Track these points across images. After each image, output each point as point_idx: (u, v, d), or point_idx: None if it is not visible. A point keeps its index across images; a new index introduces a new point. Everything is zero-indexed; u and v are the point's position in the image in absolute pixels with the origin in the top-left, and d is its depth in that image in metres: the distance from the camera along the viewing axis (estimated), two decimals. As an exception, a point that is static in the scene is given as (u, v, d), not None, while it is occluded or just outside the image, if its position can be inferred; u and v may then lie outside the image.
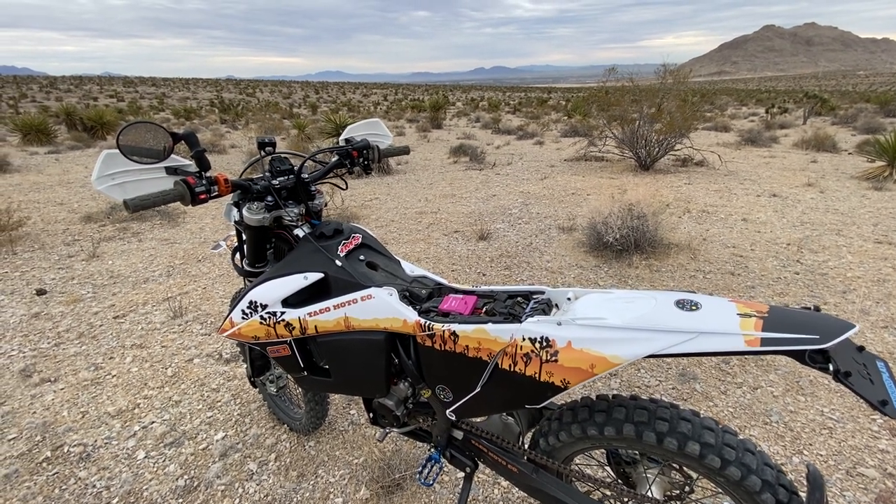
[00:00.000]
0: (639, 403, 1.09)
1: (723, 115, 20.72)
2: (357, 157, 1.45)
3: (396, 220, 5.36)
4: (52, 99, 42.08)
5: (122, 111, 26.13)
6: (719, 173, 7.59)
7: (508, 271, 3.81)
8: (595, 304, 1.05)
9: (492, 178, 7.74)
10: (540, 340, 1.01)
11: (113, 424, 2.11)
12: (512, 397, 1.10)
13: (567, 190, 6.74)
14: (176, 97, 54.24)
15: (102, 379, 2.47)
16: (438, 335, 1.14)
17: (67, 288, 3.66)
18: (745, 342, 0.83)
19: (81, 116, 13.71)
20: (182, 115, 25.32)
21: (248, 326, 1.31)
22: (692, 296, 0.98)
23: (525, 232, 4.83)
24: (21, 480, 1.78)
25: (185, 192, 1.05)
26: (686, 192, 6.36)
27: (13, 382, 2.43)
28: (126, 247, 4.63)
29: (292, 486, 1.73)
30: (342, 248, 1.30)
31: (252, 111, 27.61)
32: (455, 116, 26.23)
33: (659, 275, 3.61)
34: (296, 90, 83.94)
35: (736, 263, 3.80)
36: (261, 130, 16.40)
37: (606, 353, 0.94)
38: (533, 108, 32.89)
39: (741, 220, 4.95)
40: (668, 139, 7.74)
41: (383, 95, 71.76)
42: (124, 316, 3.21)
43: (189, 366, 2.57)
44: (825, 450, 1.88)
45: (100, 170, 1.07)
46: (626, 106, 8.12)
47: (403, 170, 8.75)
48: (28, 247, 4.54)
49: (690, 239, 4.34)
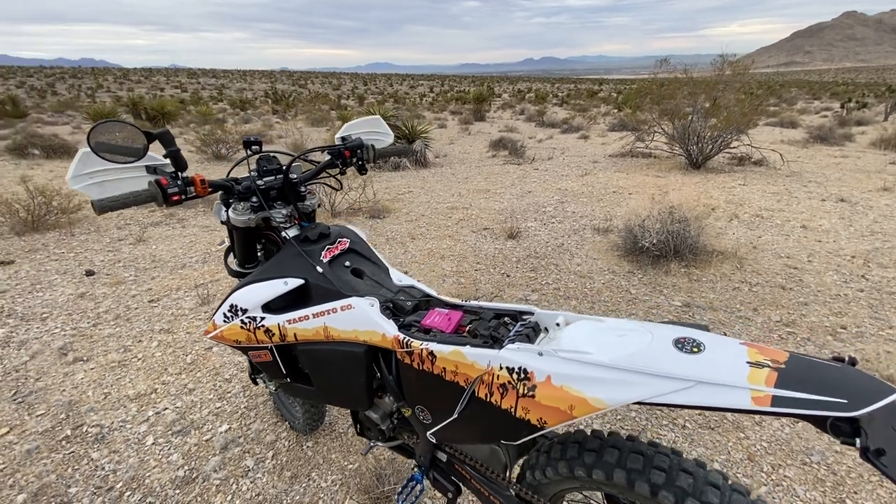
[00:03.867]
0: (635, 447, 0.96)
1: (790, 109, 19.08)
2: (350, 156, 1.39)
3: (426, 215, 5.30)
4: (125, 90, 45.29)
5: (183, 101, 27.68)
6: (780, 174, 6.96)
7: (534, 273, 3.65)
8: (583, 334, 0.93)
9: (529, 174, 7.52)
10: (518, 371, 0.91)
11: (130, 408, 2.19)
12: (487, 430, 1.00)
13: (608, 188, 6.42)
14: (234, 88, 56.88)
15: (129, 361, 2.59)
16: (417, 353, 1.06)
17: (113, 270, 3.88)
18: (751, 399, 0.69)
19: (146, 106, 14.62)
20: (238, 105, 26.46)
21: (229, 330, 1.28)
22: (697, 333, 0.83)
23: (557, 232, 4.63)
24: (40, 457, 1.88)
25: (158, 193, 1.02)
26: (739, 193, 5.87)
27: (51, 359, 2.59)
28: (170, 232, 4.85)
29: (284, 487, 1.72)
30: (326, 254, 1.24)
31: (302, 102, 28.42)
32: (500, 108, 25.81)
33: (698, 285, 3.34)
34: (345, 81, 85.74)
35: (788, 276, 3.44)
36: (308, 121, 16.83)
37: (588, 395, 0.82)
38: (582, 100, 31.77)
39: (800, 228, 4.50)
40: (723, 135, 7.19)
41: (429, 87, 71.83)
42: (158, 300, 3.35)
43: (207, 354, 2.64)
44: (872, 500, 1.64)
45: (76, 168, 1.07)
46: (680, 99, 7.60)
47: (441, 163, 8.68)
48: (84, 229, 4.86)
49: (738, 246, 3.99)
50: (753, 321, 2.85)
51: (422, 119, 15.29)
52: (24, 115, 16.45)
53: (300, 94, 38.59)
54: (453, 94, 39.04)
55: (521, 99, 34.18)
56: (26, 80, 58.02)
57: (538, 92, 41.90)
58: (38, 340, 2.77)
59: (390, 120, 8.74)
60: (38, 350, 2.67)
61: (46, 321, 3.00)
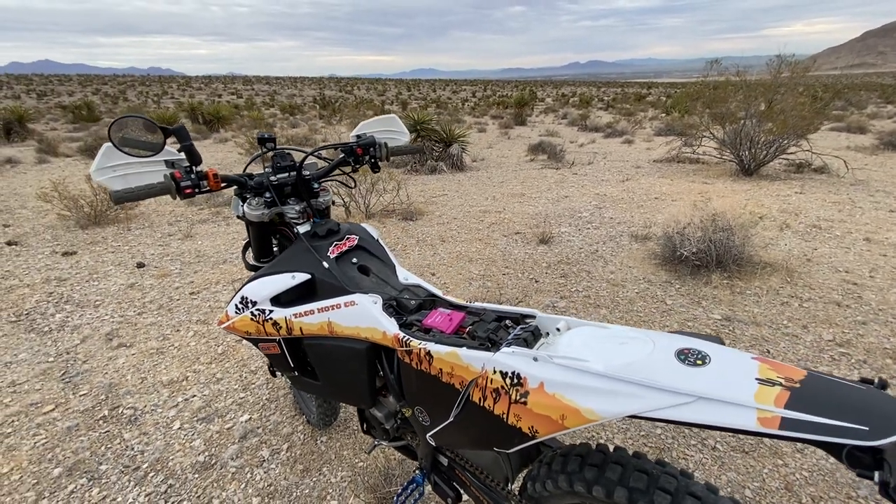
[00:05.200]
0: (641, 464, 0.89)
1: (859, 113, 17.61)
2: (362, 154, 1.39)
3: (458, 218, 5.29)
4: (186, 96, 48.40)
5: (237, 107, 29.18)
6: (843, 182, 6.43)
7: (564, 280, 3.55)
8: (582, 341, 0.88)
9: (567, 178, 7.35)
10: (511, 376, 0.87)
11: (162, 393, 2.31)
12: (481, 436, 0.97)
13: (650, 194, 6.16)
14: (285, 94, 59.41)
15: (166, 349, 2.73)
16: (415, 352, 1.04)
17: (162, 263, 4.12)
18: (757, 420, 0.62)
19: (203, 112, 15.55)
20: (287, 110, 27.61)
21: (240, 321, 1.32)
22: (704, 345, 0.77)
23: (592, 238, 4.48)
24: (79, 434, 2.01)
25: (172, 185, 1.07)
26: (795, 202, 5.47)
27: (98, 344, 2.78)
28: (216, 229, 5.11)
29: (295, 479, 1.75)
30: (334, 250, 1.25)
31: (348, 107, 29.28)
32: (542, 113, 25.45)
33: (741, 298, 3.12)
34: (390, 87, 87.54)
35: (846, 292, 3.16)
36: (352, 125, 17.30)
37: (580, 405, 0.77)
38: (629, 104, 30.78)
39: (862, 240, 4.13)
40: (779, 141, 6.72)
41: (472, 92, 72.02)
42: (198, 293, 3.52)
43: (237, 346, 2.74)
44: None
45: (99, 161, 1.14)
46: (733, 103, 7.18)
47: (477, 167, 8.66)
48: (140, 224, 5.21)
49: (789, 258, 3.70)
50: (802, 339, 2.63)
51: (461, 123, 15.34)
52: (98, 119, 17.92)
53: (346, 99, 39.79)
54: (495, 99, 38.94)
55: (565, 103, 33.58)
56: (101, 88, 63.31)
57: (582, 96, 41.02)
58: (89, 326, 2.98)
59: (428, 124, 8.82)
60: (88, 335, 2.87)
61: (98, 308, 3.23)
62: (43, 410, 2.16)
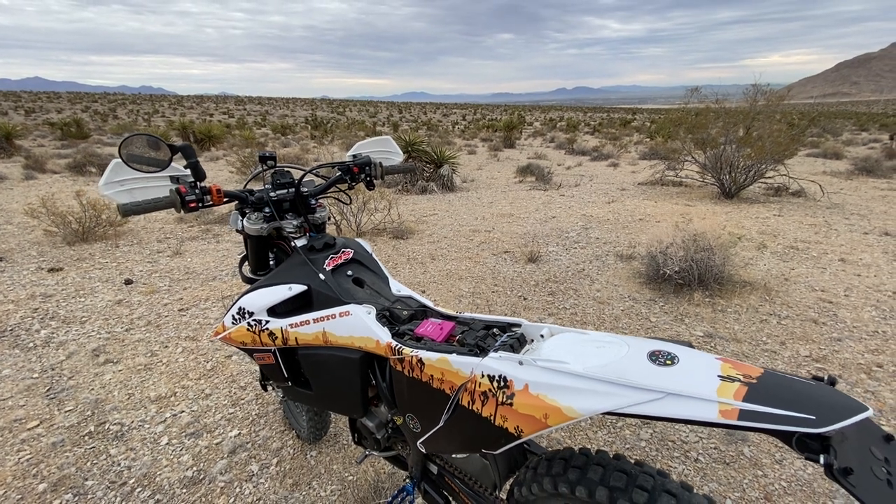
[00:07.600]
0: (620, 465, 0.95)
1: (835, 140, 18.35)
2: (358, 172, 1.47)
3: (449, 237, 5.37)
4: (178, 115, 48.51)
5: (229, 126, 29.32)
6: (819, 205, 6.68)
7: (552, 297, 3.62)
8: (563, 346, 0.94)
9: (555, 200, 7.51)
10: (498, 379, 0.92)
11: (150, 409, 2.29)
12: (469, 438, 1.02)
13: (634, 215, 6.33)
14: (276, 114, 59.92)
15: (154, 365, 2.71)
16: (407, 360, 1.09)
17: (150, 280, 4.11)
18: (718, 412, 0.68)
19: (194, 130, 15.62)
20: (279, 130, 27.80)
21: (237, 332, 1.36)
22: (673, 348, 0.83)
23: (579, 257, 4.59)
24: (64, 449, 1.99)
25: (177, 199, 1.12)
26: (773, 224, 5.66)
27: (84, 360, 2.75)
28: (205, 246, 5.11)
29: (285, 493, 1.75)
30: (329, 263, 1.30)
31: (339, 128, 29.62)
32: (530, 136, 26.02)
33: (722, 315, 3.22)
34: (381, 109, 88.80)
35: (822, 310, 3.27)
36: (343, 146, 17.49)
37: (562, 404, 0.83)
38: (615, 128, 31.64)
39: (838, 261, 4.29)
40: (757, 165, 6.99)
41: (462, 115, 73.38)
42: (187, 310, 3.51)
43: (227, 362, 2.74)
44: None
45: (108, 176, 1.19)
46: (713, 129, 7.49)
47: (467, 188, 8.81)
48: (128, 241, 5.19)
49: (768, 277, 3.83)
50: (780, 355, 2.72)
51: (451, 145, 15.62)
52: (87, 136, 17.87)
53: (338, 120, 40.27)
54: (485, 122, 39.73)
55: (553, 127, 34.40)
56: (91, 105, 63.16)
57: (570, 120, 42.08)
58: (75, 342, 2.95)
59: (420, 145, 8.99)
60: (74, 351, 2.84)
61: (85, 324, 3.20)
62: (27, 426, 2.14)
